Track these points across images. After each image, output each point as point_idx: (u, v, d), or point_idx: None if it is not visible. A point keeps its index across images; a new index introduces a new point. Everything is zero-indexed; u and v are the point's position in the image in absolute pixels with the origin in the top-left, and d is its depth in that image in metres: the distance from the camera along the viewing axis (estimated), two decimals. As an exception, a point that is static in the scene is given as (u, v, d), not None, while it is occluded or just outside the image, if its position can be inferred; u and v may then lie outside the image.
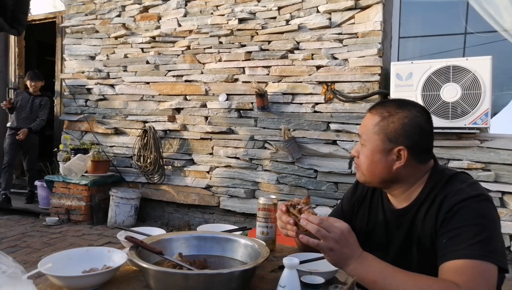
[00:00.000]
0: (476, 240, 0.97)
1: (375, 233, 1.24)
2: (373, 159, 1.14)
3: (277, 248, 1.46)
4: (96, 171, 4.38)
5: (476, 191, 1.05)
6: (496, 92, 3.22)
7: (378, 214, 1.25)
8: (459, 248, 0.98)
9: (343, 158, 3.58)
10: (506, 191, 3.06)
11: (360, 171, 1.20)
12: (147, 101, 4.50)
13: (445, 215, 1.04)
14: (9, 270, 0.91)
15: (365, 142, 1.16)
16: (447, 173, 1.14)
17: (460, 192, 1.05)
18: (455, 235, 1.00)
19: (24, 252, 3.44)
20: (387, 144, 1.12)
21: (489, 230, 0.99)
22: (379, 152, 1.13)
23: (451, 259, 0.98)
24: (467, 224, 1.00)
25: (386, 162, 1.13)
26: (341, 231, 0.99)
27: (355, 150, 1.22)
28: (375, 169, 1.15)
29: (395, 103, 1.17)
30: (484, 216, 1.01)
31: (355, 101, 3.52)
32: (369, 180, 1.19)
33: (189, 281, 1.00)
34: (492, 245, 0.98)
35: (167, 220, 4.46)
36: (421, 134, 1.12)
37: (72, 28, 4.95)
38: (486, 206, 1.04)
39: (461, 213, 1.02)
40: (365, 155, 1.16)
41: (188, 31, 4.27)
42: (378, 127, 1.14)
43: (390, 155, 1.12)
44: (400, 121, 1.11)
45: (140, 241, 1.16)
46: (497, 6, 3.19)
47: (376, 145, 1.13)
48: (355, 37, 3.54)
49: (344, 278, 1.20)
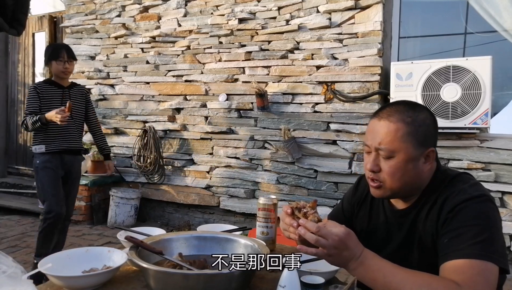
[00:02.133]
0: (477, 240, 0.97)
1: (376, 233, 1.24)
2: (406, 169, 1.08)
3: (277, 248, 1.46)
4: (96, 171, 4.38)
5: (478, 192, 1.05)
6: (496, 92, 3.22)
7: (379, 215, 1.25)
8: (460, 248, 0.98)
9: (343, 158, 3.58)
10: (506, 191, 3.06)
11: (386, 186, 1.11)
12: (147, 101, 4.50)
13: (447, 215, 1.04)
14: (9, 270, 0.91)
15: (393, 154, 1.08)
16: (449, 174, 1.14)
17: (462, 193, 1.05)
18: (456, 235, 1.00)
19: (24, 252, 3.44)
20: (419, 149, 1.08)
21: (490, 230, 0.99)
22: (412, 160, 1.08)
23: (452, 258, 0.98)
24: (469, 224, 1.00)
25: (418, 168, 1.09)
26: (339, 237, 0.98)
27: (374, 165, 1.11)
28: (406, 179, 1.09)
29: (406, 106, 1.12)
30: (485, 217, 1.01)
31: (355, 101, 3.52)
32: (397, 192, 1.12)
33: (189, 281, 1.00)
34: (493, 245, 0.98)
35: (167, 220, 4.46)
36: (437, 132, 1.16)
37: (72, 28, 4.95)
38: (488, 206, 1.04)
39: (463, 213, 1.02)
40: (396, 168, 1.08)
41: (188, 31, 4.27)
42: (407, 135, 1.07)
43: (421, 159, 1.10)
44: (424, 122, 1.10)
45: (140, 241, 1.16)
46: (497, 6, 3.19)
47: (409, 153, 1.07)
48: (355, 37, 3.54)
49: (344, 278, 1.20)
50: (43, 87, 2.94)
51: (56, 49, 2.96)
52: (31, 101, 2.90)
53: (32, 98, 2.90)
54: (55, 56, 2.90)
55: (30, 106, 2.88)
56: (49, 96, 2.94)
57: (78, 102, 3.05)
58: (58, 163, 2.92)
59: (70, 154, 3.00)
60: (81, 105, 3.10)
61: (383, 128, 1.09)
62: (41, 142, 2.91)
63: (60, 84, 2.99)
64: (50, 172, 2.88)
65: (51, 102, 2.93)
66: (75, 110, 2.98)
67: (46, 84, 2.98)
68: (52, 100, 2.94)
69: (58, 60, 2.89)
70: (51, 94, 2.95)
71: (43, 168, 2.88)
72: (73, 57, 2.99)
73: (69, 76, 3.04)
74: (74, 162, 3.05)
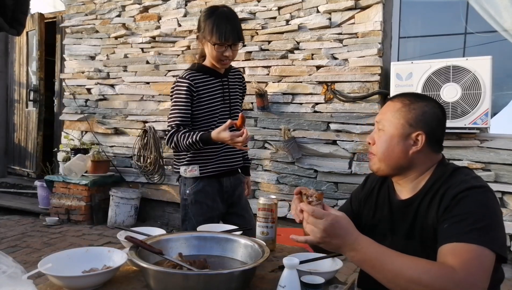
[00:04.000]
0: (476, 227, 0.99)
1: (380, 225, 1.26)
2: (391, 143, 1.18)
3: (277, 248, 1.46)
4: (96, 171, 4.38)
5: (479, 183, 1.09)
6: (496, 92, 3.22)
7: (384, 206, 1.27)
8: (459, 232, 1.00)
9: (343, 158, 3.58)
10: (506, 191, 3.06)
11: (375, 158, 1.22)
12: (147, 101, 4.50)
13: (448, 203, 1.07)
14: (9, 270, 0.91)
15: (383, 127, 1.20)
16: (451, 166, 1.18)
17: (464, 183, 1.08)
18: (456, 221, 1.03)
19: (24, 252, 3.44)
20: (407, 128, 1.16)
21: (490, 218, 1.02)
22: (398, 136, 1.17)
23: (450, 241, 1.00)
24: (469, 211, 1.03)
25: (403, 146, 1.17)
26: (324, 227, 0.99)
27: (370, 137, 1.24)
28: (391, 153, 1.18)
29: (414, 94, 1.24)
30: (486, 206, 1.04)
31: (355, 101, 3.52)
32: (384, 166, 1.21)
33: (189, 281, 1.00)
34: (492, 233, 1.00)
35: (167, 220, 4.46)
36: (438, 124, 1.19)
37: (72, 28, 4.95)
38: (489, 197, 1.07)
39: (464, 201, 1.05)
40: (383, 140, 1.19)
41: (188, 31, 4.27)
42: (399, 112, 1.18)
43: (408, 139, 1.17)
44: (421, 109, 1.17)
45: (140, 241, 1.16)
46: (497, 6, 3.19)
47: (395, 129, 1.17)
48: (355, 37, 3.54)
49: (344, 278, 1.20)
50: (197, 78, 1.94)
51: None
52: (180, 102, 1.93)
53: (183, 98, 1.92)
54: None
55: (178, 111, 1.93)
56: (206, 91, 1.95)
57: (237, 95, 2.10)
58: (215, 191, 1.99)
59: (231, 175, 2.07)
60: (240, 99, 2.17)
61: (386, 106, 1.24)
62: (192, 161, 1.99)
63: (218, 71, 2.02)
64: (204, 209, 1.96)
65: (210, 101, 1.96)
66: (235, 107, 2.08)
67: (199, 74, 1.97)
68: (211, 97, 1.96)
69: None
70: (208, 86, 1.96)
71: (195, 202, 1.98)
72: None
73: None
74: (236, 185, 2.10)
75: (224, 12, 1.89)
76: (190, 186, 1.97)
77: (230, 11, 1.92)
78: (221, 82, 2.00)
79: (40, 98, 5.54)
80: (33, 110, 5.59)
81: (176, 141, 1.89)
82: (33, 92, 5.58)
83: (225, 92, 2.01)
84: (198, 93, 1.92)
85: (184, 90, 1.91)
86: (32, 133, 5.57)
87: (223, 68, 1.99)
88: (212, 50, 1.89)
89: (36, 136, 5.50)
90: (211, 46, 1.88)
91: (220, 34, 1.84)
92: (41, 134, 5.53)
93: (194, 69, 1.99)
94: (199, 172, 1.95)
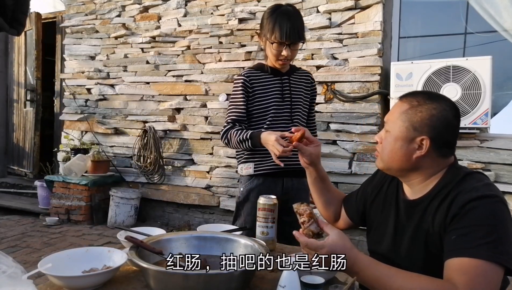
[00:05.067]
0: (485, 241, 0.96)
1: (386, 223, 1.25)
2: (395, 146, 1.15)
3: (277, 248, 1.46)
4: (96, 171, 4.38)
5: (491, 192, 1.04)
6: (496, 92, 3.22)
7: (391, 205, 1.26)
8: (467, 246, 0.97)
9: (343, 158, 3.58)
10: (506, 191, 3.06)
11: (380, 157, 1.21)
12: (147, 101, 4.50)
13: (457, 211, 1.03)
14: (9, 270, 0.91)
15: (389, 128, 1.18)
16: (463, 171, 1.14)
17: (474, 190, 1.04)
18: (464, 233, 1.00)
19: (24, 252, 3.44)
20: (411, 132, 1.13)
21: (500, 232, 0.98)
22: (401, 139, 1.14)
23: (457, 256, 0.98)
24: (478, 223, 0.99)
25: (407, 150, 1.14)
26: (320, 257, 1.01)
27: (378, 136, 1.23)
28: (394, 156, 1.16)
29: (426, 94, 1.18)
30: (496, 218, 1.00)
31: (355, 101, 3.52)
32: (388, 166, 1.20)
33: (189, 281, 1.00)
34: (502, 247, 0.96)
35: (167, 220, 4.46)
36: (447, 128, 1.12)
37: (72, 28, 4.95)
38: (500, 207, 1.02)
39: (474, 212, 1.01)
40: (387, 141, 1.17)
41: (188, 31, 4.27)
42: (405, 114, 1.14)
43: (412, 144, 1.13)
44: (428, 111, 1.12)
45: (140, 241, 1.16)
46: (497, 6, 3.19)
47: (400, 132, 1.14)
48: (355, 37, 3.54)
49: (344, 278, 1.20)
50: (253, 75, 1.94)
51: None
52: (236, 98, 1.92)
53: (239, 94, 1.91)
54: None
55: (234, 107, 1.92)
56: (261, 87, 1.93)
57: (301, 95, 2.01)
58: (270, 191, 1.70)
59: (293, 177, 1.94)
60: (305, 100, 2.04)
61: (395, 106, 1.20)
62: (249, 158, 1.93)
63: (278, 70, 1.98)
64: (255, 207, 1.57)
65: (264, 98, 1.92)
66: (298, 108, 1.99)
67: (257, 71, 1.96)
68: (265, 94, 1.92)
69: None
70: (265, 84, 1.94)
71: (246, 200, 1.92)
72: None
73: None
74: (299, 189, 1.95)
75: (286, 10, 1.86)
76: (244, 184, 1.94)
77: (293, 9, 1.88)
78: (280, 80, 1.96)
79: (37, 98, 5.52)
80: (30, 110, 5.58)
81: (229, 137, 1.85)
82: (30, 92, 5.58)
83: (285, 91, 1.95)
84: (253, 90, 1.91)
85: (240, 86, 1.91)
86: (30, 133, 5.56)
87: (281, 67, 1.96)
88: (270, 48, 1.87)
89: (33, 136, 5.48)
90: (269, 45, 1.86)
91: (278, 32, 1.80)
92: (38, 134, 5.50)
93: (254, 67, 2.00)
94: (253, 170, 1.90)
